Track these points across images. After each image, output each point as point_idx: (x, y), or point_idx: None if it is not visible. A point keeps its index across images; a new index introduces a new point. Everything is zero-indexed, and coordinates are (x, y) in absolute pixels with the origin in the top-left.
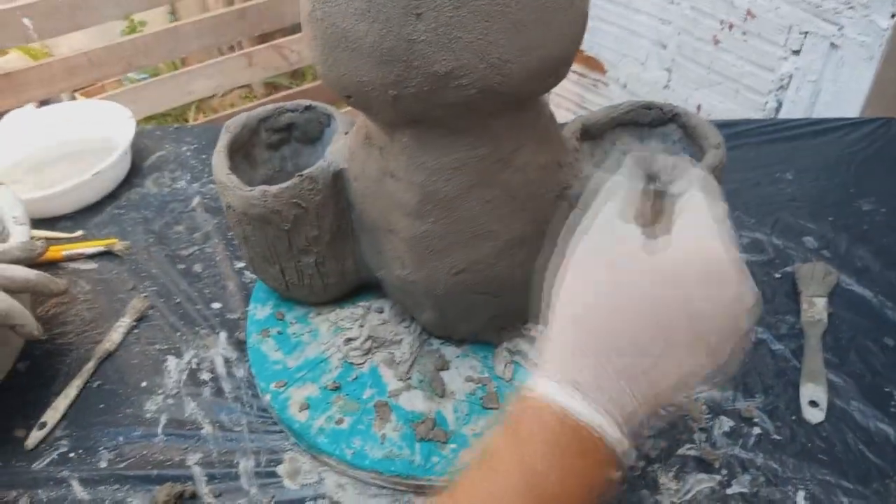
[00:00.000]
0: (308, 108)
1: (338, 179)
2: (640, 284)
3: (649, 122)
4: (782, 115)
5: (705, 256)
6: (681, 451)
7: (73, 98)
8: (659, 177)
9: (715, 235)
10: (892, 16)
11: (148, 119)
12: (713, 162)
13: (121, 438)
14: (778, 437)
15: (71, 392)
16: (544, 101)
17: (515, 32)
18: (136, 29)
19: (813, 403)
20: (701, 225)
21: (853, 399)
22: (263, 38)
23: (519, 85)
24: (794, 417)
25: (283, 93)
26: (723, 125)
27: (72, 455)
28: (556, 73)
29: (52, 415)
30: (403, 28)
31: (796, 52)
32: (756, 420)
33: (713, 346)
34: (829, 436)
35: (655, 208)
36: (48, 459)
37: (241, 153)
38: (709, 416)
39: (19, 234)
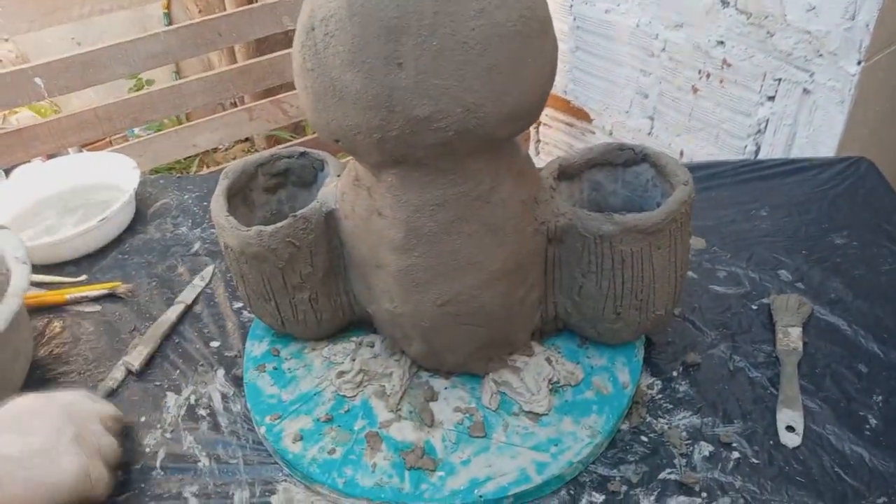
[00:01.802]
0: (303, 154)
1: (330, 219)
2: None
3: (623, 162)
4: (761, 157)
5: None
6: (662, 475)
7: (81, 152)
8: None
9: None
10: (859, 62)
11: (152, 172)
12: (682, 197)
13: (119, 472)
14: (756, 461)
15: None
16: (519, 142)
17: (489, 79)
18: (143, 87)
19: (790, 428)
20: None
21: (829, 423)
22: (265, 93)
23: (493, 127)
24: (771, 442)
25: (284, 145)
26: (701, 167)
27: None
28: (528, 115)
29: None
30: (386, 77)
31: (771, 98)
32: (735, 445)
33: None
34: (805, 459)
35: None
36: None
37: (240, 197)
38: (688, 441)
39: (20, 273)
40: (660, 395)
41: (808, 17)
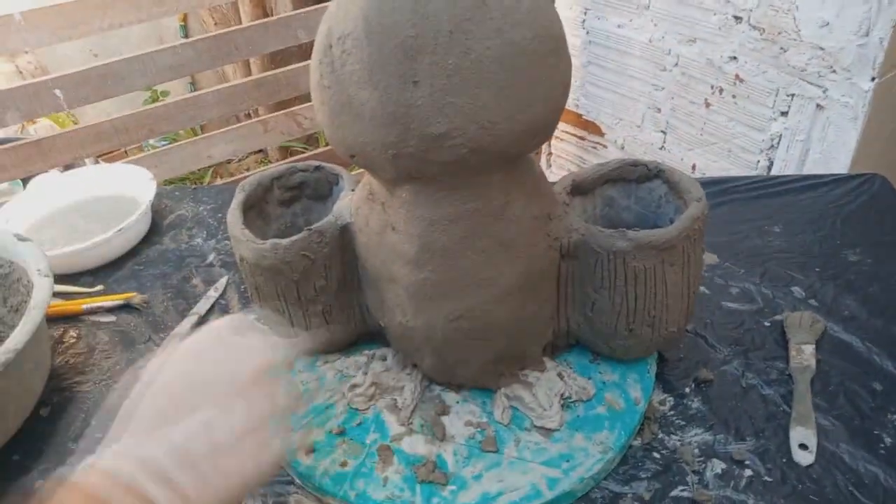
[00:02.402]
0: (318, 168)
1: (344, 233)
2: (175, 363)
3: (636, 178)
4: (774, 172)
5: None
6: (674, 493)
7: (97, 163)
8: None
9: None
10: (873, 79)
11: (167, 183)
12: (695, 213)
13: None
14: (769, 479)
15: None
16: (533, 158)
17: (503, 97)
18: (158, 98)
19: (803, 446)
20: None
21: (842, 442)
22: (279, 105)
23: (507, 144)
24: (784, 460)
25: (297, 157)
26: (713, 182)
27: None
28: (542, 132)
29: None
30: (402, 94)
31: (784, 114)
32: (747, 462)
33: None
34: (819, 478)
35: None
36: None
37: (256, 210)
38: (701, 458)
39: (43, 286)
40: (672, 412)
41: (821, 34)
